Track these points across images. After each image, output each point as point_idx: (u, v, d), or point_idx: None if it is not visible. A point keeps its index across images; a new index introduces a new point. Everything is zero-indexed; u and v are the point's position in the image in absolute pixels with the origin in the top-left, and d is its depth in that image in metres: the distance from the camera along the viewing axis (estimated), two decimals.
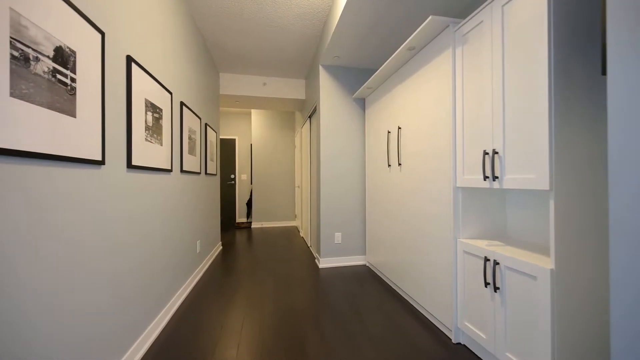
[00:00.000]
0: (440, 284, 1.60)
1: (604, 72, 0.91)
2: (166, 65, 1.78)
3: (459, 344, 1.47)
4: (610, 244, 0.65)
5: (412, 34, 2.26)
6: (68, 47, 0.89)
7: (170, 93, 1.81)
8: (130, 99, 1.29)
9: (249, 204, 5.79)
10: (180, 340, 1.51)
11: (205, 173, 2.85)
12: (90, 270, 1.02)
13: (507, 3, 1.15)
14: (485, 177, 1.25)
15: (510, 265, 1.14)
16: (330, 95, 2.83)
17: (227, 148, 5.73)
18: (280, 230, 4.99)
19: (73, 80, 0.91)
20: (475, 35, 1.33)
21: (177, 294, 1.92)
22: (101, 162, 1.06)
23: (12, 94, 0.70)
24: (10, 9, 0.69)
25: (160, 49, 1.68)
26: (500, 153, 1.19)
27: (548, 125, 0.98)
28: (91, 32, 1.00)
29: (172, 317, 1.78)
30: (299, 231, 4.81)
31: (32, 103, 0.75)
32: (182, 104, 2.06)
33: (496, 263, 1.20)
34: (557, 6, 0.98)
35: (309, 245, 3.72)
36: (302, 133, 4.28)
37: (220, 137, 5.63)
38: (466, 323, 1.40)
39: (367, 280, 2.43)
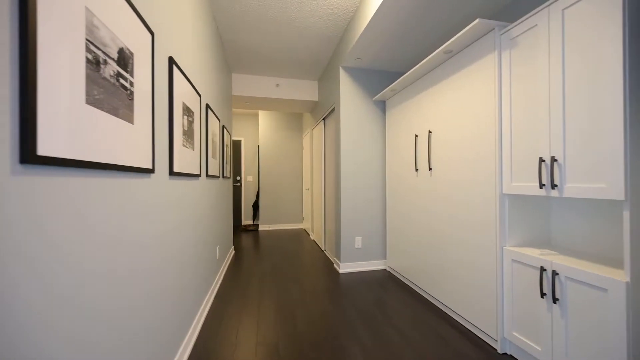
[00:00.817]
0: (481, 293, 1.57)
1: None
2: (196, 66, 1.71)
3: (506, 354, 1.44)
4: None
5: (446, 36, 2.23)
6: (128, 49, 0.83)
7: (200, 95, 1.75)
8: (172, 103, 1.22)
9: (255, 206, 5.71)
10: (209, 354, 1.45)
11: (223, 176, 2.77)
12: (137, 277, 0.96)
13: (569, 7, 1.13)
14: (542, 185, 1.22)
15: (572, 276, 1.11)
16: (350, 97, 2.79)
17: (234, 149, 5.64)
18: (288, 233, 4.93)
19: (132, 84, 0.85)
20: (527, 38, 1.30)
21: (202, 306, 1.85)
22: (151, 171, 1.00)
23: (87, 100, 0.63)
24: (86, 8, 0.63)
25: (192, 50, 1.62)
26: (560, 160, 1.16)
27: (623, 131, 0.95)
28: (144, 32, 0.94)
29: (199, 333, 1.71)
30: (308, 234, 4.75)
31: (101, 110, 0.69)
32: (207, 106, 1.99)
33: (555, 273, 1.17)
34: (633, 3, 0.96)
35: (323, 249, 3.66)
36: (314, 135, 4.22)
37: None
38: (514, 333, 1.37)
39: (392, 286, 2.40)
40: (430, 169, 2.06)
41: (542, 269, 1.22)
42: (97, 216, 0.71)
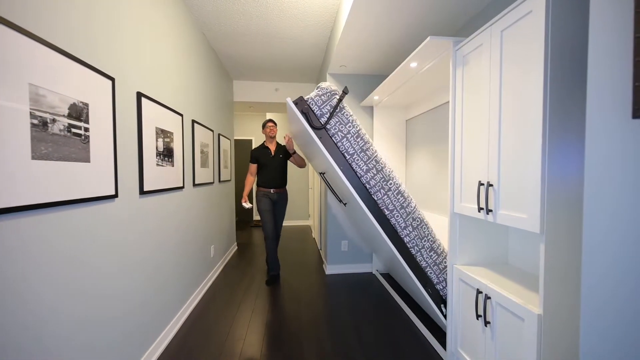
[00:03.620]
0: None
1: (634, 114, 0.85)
2: (177, 88, 1.90)
3: None
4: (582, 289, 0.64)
5: (414, 46, 2.18)
6: (81, 102, 1.01)
7: (181, 115, 1.94)
8: (141, 131, 1.41)
9: None
10: (189, 347, 1.68)
11: (219, 181, 3.01)
12: (101, 287, 1.17)
13: (506, 28, 1.09)
14: (480, 209, 1.22)
15: (500, 302, 1.12)
16: None
17: (244, 149, 5.92)
18: (294, 229, 5.14)
19: (86, 129, 1.03)
20: (475, 57, 1.28)
21: (190, 300, 2.10)
22: (114, 196, 1.20)
23: (33, 157, 0.82)
24: (30, 83, 0.81)
25: (171, 75, 1.80)
26: (495, 186, 1.15)
27: (541, 164, 0.94)
28: (102, 81, 1.12)
29: (184, 323, 1.96)
30: (312, 231, 4.92)
31: (50, 160, 0.87)
32: (193, 122, 2.19)
33: (487, 297, 1.19)
34: (556, 35, 0.92)
35: (319, 248, 3.81)
36: None
37: (237, 138, 5.82)
38: (460, 350, 1.41)
39: (372, 290, 2.47)
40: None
41: (478, 292, 1.24)
42: (60, 242, 0.91)
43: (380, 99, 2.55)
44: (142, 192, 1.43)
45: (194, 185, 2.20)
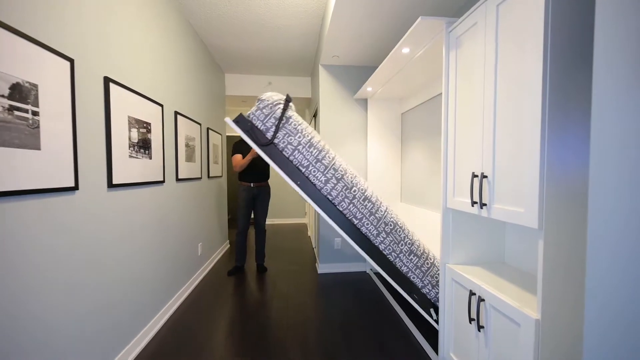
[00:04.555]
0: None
1: None
2: (157, 77, 1.79)
3: None
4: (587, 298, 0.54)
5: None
6: (28, 82, 0.91)
7: (161, 105, 1.83)
8: (109, 119, 1.31)
9: None
10: (169, 347, 1.59)
11: (208, 177, 2.91)
12: (65, 283, 1.08)
13: (502, 2, 0.98)
14: (474, 203, 1.12)
15: (495, 305, 1.02)
16: (330, 97, 2.72)
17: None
18: (290, 227, 5.04)
19: (35, 113, 0.93)
20: (469, 38, 1.17)
21: (173, 298, 2.00)
22: (74, 188, 1.10)
23: None
24: None
25: (150, 63, 1.69)
26: (490, 177, 1.05)
27: (540, 152, 0.83)
28: (56, 61, 1.02)
29: (165, 323, 1.86)
30: (307, 229, 4.82)
31: None
32: (176, 113, 2.09)
33: (481, 299, 1.08)
34: (557, 11, 0.81)
35: (313, 247, 3.71)
36: None
37: (232, 134, 5.71)
38: (452, 355, 1.30)
39: (364, 290, 2.37)
40: None
41: (472, 293, 1.13)
42: (10, 234, 0.81)
43: (374, 91, 2.44)
44: (111, 185, 1.33)
45: (177, 179, 2.10)
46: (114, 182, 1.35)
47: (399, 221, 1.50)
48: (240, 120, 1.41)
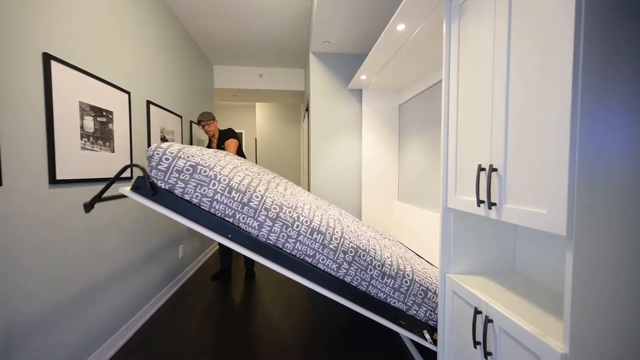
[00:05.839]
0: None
1: None
2: (123, 62, 1.60)
3: None
4: None
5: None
6: None
7: (127, 93, 1.64)
8: (51, 103, 1.12)
9: None
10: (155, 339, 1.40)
11: None
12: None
13: None
14: (480, 202, 0.92)
15: (506, 329, 0.82)
16: (322, 87, 2.52)
17: None
18: None
19: None
20: (474, 3, 0.96)
21: (150, 303, 1.82)
22: None
23: None
24: None
25: (115, 45, 1.50)
26: (500, 170, 0.85)
27: (570, 136, 0.63)
28: None
29: (140, 328, 1.68)
30: None
31: None
32: (149, 103, 1.89)
33: (489, 320, 0.88)
34: None
35: None
36: (303, 128, 4.01)
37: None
38: None
39: None
40: None
41: (477, 311, 0.94)
42: None
43: (369, 80, 2.23)
44: (54, 181, 1.14)
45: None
46: (59, 177, 1.16)
47: (362, 243, 1.26)
48: (141, 186, 1.12)
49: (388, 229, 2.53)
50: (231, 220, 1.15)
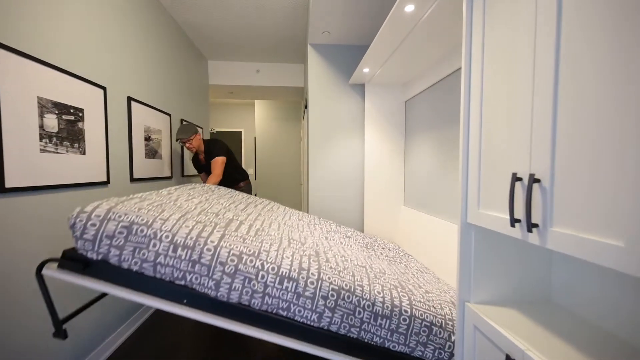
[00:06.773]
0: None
1: None
2: (97, 54, 1.43)
3: None
4: None
5: None
6: None
7: (103, 88, 1.47)
8: None
9: None
10: None
11: (182, 175, 2.56)
12: None
13: None
14: (515, 221, 0.72)
15: None
16: (321, 82, 2.32)
17: (233, 141, 5.48)
18: None
19: None
20: None
21: (133, 317, 1.66)
22: None
23: None
24: None
25: (86, 36, 1.33)
26: (545, 182, 0.65)
27: None
28: None
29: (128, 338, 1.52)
30: None
31: None
32: (130, 99, 1.72)
33: None
34: None
35: None
36: (303, 126, 3.82)
37: (224, 129, 5.38)
38: None
39: None
40: None
41: (509, 359, 0.74)
42: None
43: (372, 73, 2.03)
44: (3, 189, 0.97)
45: (132, 180, 1.74)
46: (9, 185, 0.99)
47: (345, 281, 1.04)
48: (68, 260, 0.94)
49: (393, 237, 2.34)
50: (183, 282, 0.95)
